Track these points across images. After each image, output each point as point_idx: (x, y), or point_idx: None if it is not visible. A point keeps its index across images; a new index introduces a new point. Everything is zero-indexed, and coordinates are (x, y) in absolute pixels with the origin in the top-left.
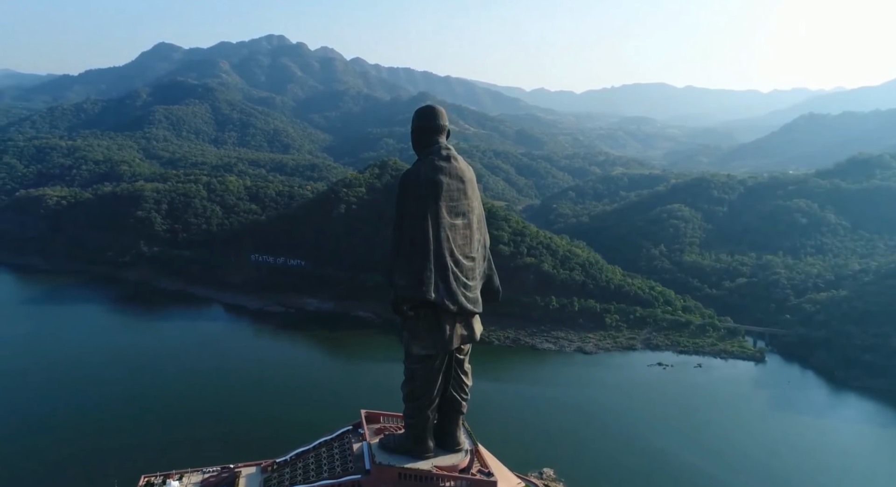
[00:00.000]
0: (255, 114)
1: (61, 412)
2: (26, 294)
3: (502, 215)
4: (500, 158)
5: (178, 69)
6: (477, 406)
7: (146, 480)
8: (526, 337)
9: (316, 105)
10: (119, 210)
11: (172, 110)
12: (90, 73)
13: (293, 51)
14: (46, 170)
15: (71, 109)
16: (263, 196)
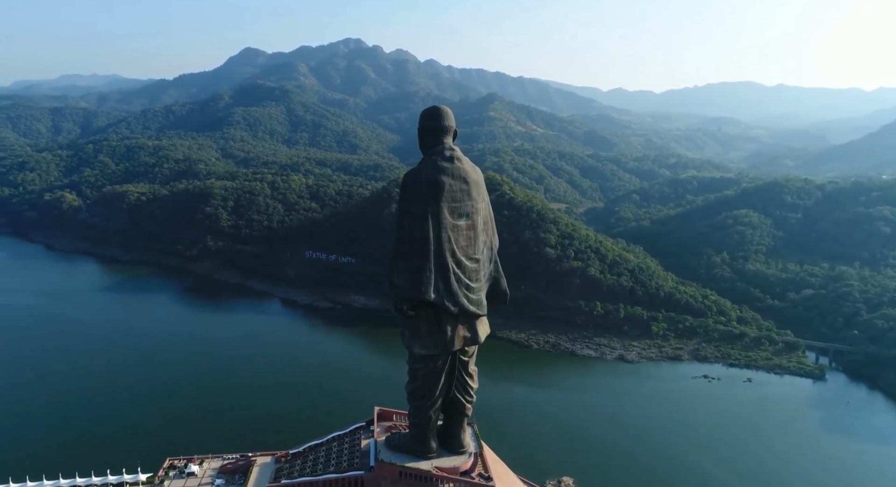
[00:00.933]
0: (326, 116)
1: (108, 391)
2: (107, 282)
3: (551, 217)
4: (564, 160)
5: (260, 72)
6: (505, 410)
7: (170, 463)
8: (566, 343)
9: (386, 106)
10: (190, 206)
11: (250, 112)
12: (183, 77)
13: (368, 53)
14: (133, 168)
15: (161, 111)
16: (323, 195)
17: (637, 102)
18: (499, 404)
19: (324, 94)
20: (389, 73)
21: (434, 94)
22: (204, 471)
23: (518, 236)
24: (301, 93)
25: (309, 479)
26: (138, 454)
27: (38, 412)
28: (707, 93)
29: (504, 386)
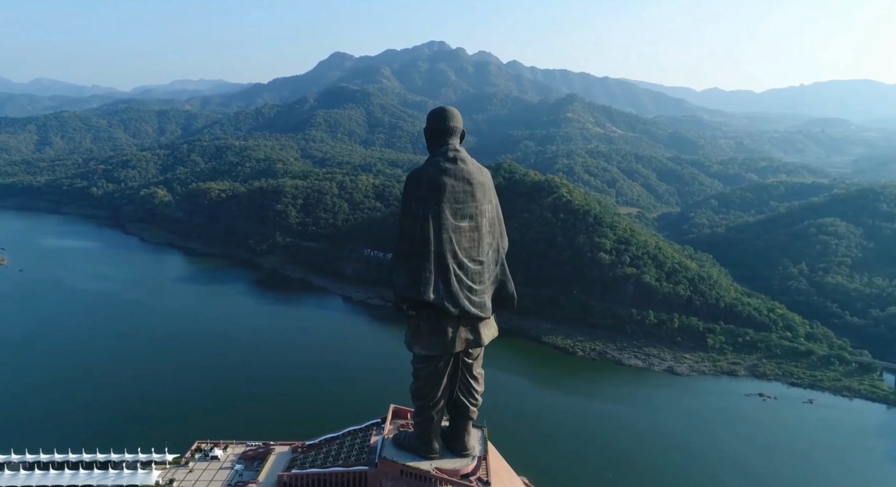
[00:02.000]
0: (403, 117)
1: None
2: (184, 272)
3: (608, 222)
4: (641, 162)
5: (346, 76)
6: (534, 416)
7: (197, 445)
8: (614, 351)
9: (465, 107)
10: (264, 203)
11: (331, 114)
12: (277, 81)
13: (450, 56)
14: (219, 167)
15: (252, 113)
16: (388, 194)
17: (733, 103)
18: (529, 409)
19: (404, 97)
20: (470, 75)
21: (513, 96)
22: (227, 456)
23: (572, 240)
24: (381, 95)
25: (317, 471)
26: (172, 434)
27: (88, 388)
28: (815, 92)
29: (538, 392)
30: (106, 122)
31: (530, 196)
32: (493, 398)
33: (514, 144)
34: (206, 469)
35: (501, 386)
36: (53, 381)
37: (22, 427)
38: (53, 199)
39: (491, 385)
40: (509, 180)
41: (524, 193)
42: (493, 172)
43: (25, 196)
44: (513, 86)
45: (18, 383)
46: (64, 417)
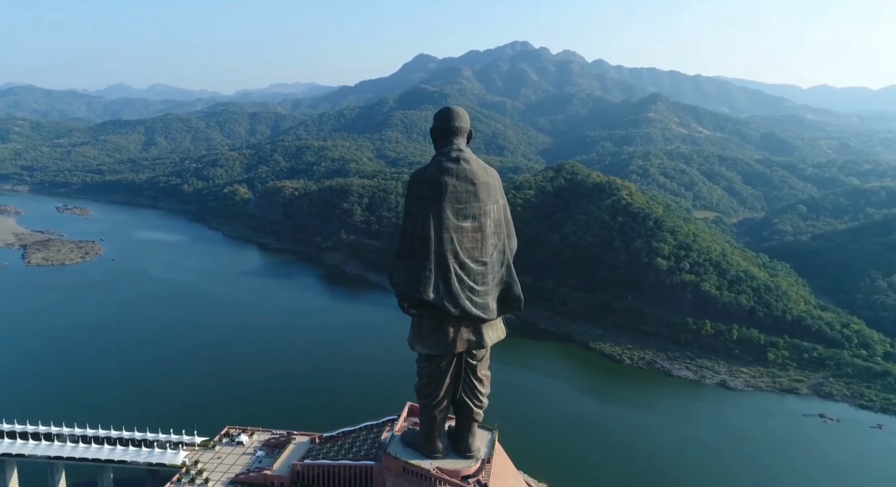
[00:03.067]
0: (478, 118)
1: (211, 359)
2: (254, 266)
3: (668, 226)
4: (725, 164)
5: (428, 77)
6: (566, 422)
7: (227, 430)
8: (664, 361)
9: (544, 108)
10: (331, 201)
11: (408, 115)
12: (363, 83)
13: (533, 56)
14: (297, 166)
15: (334, 115)
16: None
17: (844, 101)
18: (564, 416)
19: (483, 97)
20: (551, 75)
21: (594, 95)
22: (252, 442)
23: (629, 245)
24: (458, 96)
25: (327, 462)
26: (208, 418)
27: (142, 370)
28: None
29: (576, 398)
30: (204, 124)
31: (589, 198)
32: (527, 402)
33: (591, 145)
34: (231, 453)
35: (538, 390)
36: (114, 362)
37: (77, 402)
38: (151, 195)
39: (527, 389)
40: (571, 182)
41: (584, 195)
42: (555, 174)
43: (128, 191)
44: (595, 86)
45: (83, 362)
46: (116, 395)
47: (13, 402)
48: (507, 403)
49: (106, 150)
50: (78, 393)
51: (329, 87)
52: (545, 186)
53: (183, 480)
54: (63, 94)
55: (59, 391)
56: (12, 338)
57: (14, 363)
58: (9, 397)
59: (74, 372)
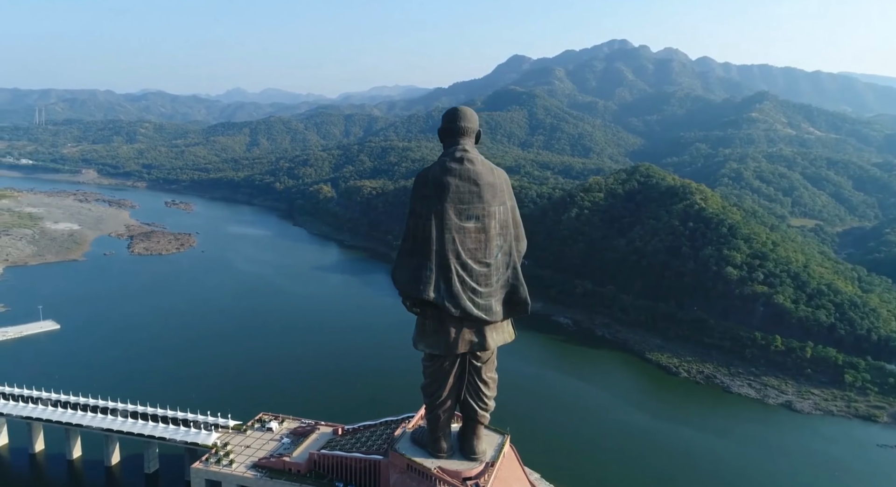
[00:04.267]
0: (566, 119)
1: (262, 349)
2: (328, 262)
3: (743, 233)
4: (834, 168)
5: (520, 78)
6: (605, 435)
7: (260, 416)
8: (724, 376)
9: (638, 108)
10: (405, 200)
11: (493, 116)
12: (456, 85)
13: (630, 54)
14: (380, 166)
15: (423, 117)
16: (524, 196)
17: None
18: (604, 428)
19: (574, 98)
20: (649, 74)
21: (694, 95)
22: (281, 429)
23: (698, 251)
24: (547, 97)
25: (341, 454)
26: (250, 404)
27: (202, 353)
28: None
29: (620, 410)
30: (303, 126)
31: (661, 202)
32: (570, 410)
33: (684, 147)
34: (259, 438)
35: (584, 399)
36: (178, 345)
37: (138, 379)
38: (247, 192)
39: (572, 396)
40: (644, 185)
41: (656, 199)
42: (628, 176)
43: (228, 188)
44: (696, 85)
45: (151, 343)
46: (174, 376)
47: (83, 375)
48: (549, 409)
49: (214, 150)
50: (141, 371)
51: (425, 89)
52: (616, 189)
53: (211, 460)
54: (186, 99)
55: (125, 368)
56: (95, 317)
57: (91, 339)
58: (80, 370)
59: (141, 351)
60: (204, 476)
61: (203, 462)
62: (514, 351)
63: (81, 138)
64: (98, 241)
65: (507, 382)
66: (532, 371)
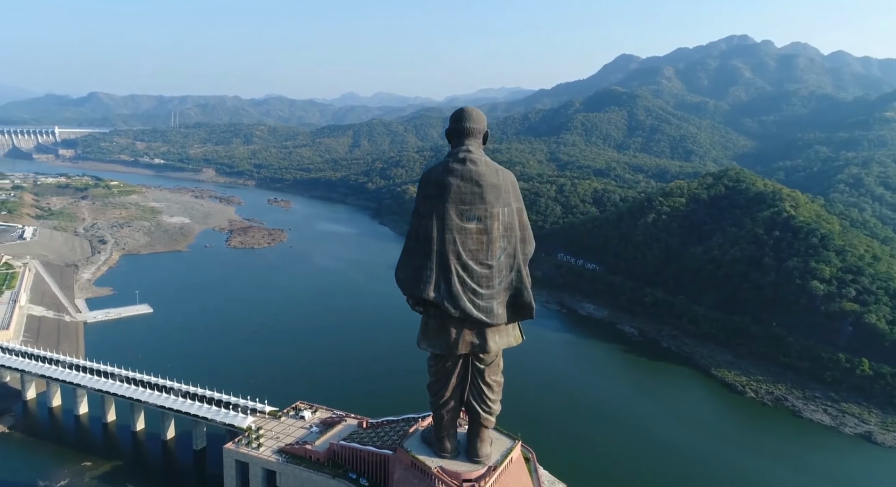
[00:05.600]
0: (667, 120)
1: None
2: None
3: (837, 244)
4: None
5: (625, 78)
6: (647, 452)
7: (297, 405)
8: (796, 400)
9: (754, 108)
10: None
11: (590, 117)
12: (559, 86)
13: (749, 50)
14: None
15: (519, 118)
16: (607, 200)
17: None
18: (646, 439)
19: (682, 98)
20: (769, 71)
21: (821, 93)
22: (313, 419)
23: (781, 263)
24: (649, 97)
25: (357, 446)
26: (291, 391)
27: (260, 340)
28: None
29: (668, 425)
30: (402, 128)
31: (746, 208)
32: (614, 423)
33: (800, 150)
34: (291, 425)
35: (632, 412)
36: (244, 332)
37: (201, 361)
38: (343, 192)
39: (620, 409)
40: (732, 189)
41: (742, 205)
42: (714, 180)
43: (326, 188)
44: (826, 82)
45: (219, 330)
46: (233, 360)
47: (158, 354)
48: (594, 419)
49: (318, 151)
50: (205, 354)
51: (529, 91)
52: (700, 194)
53: (242, 442)
54: (303, 103)
55: (192, 350)
56: (182, 303)
57: (174, 323)
58: (157, 350)
59: (210, 336)
60: (234, 456)
61: (235, 444)
62: (570, 357)
63: (206, 140)
64: (202, 234)
65: (556, 388)
66: (585, 379)
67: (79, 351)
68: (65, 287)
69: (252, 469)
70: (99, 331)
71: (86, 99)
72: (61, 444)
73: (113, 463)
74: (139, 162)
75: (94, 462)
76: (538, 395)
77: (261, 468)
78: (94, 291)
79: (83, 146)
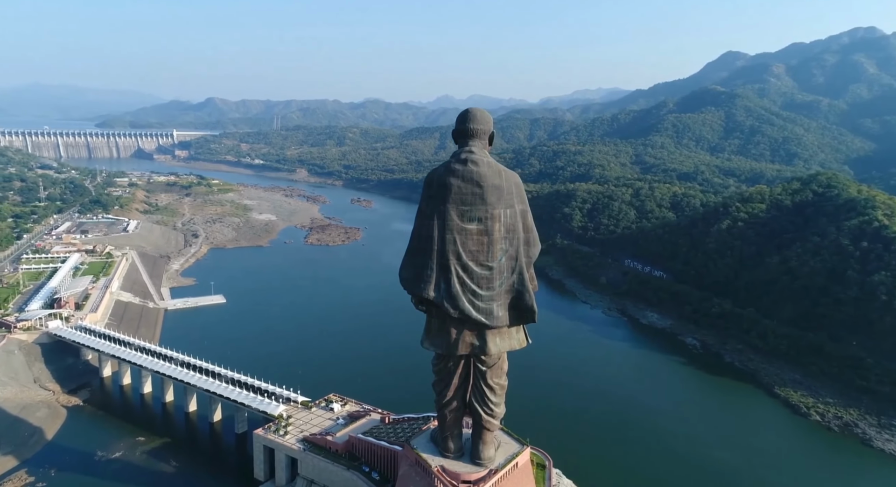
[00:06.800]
0: (770, 121)
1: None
2: None
3: None
4: None
5: (729, 77)
6: (678, 469)
7: (330, 397)
8: (868, 427)
9: (877, 107)
10: (555, 205)
11: (682, 118)
12: (657, 86)
13: (876, 44)
14: (545, 169)
15: (608, 120)
16: (685, 205)
17: None
18: (682, 460)
19: (792, 97)
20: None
21: None
22: (342, 411)
23: (867, 277)
24: (753, 97)
25: (372, 441)
26: (333, 383)
27: (307, 332)
28: None
29: (710, 442)
30: None
31: (833, 216)
32: (652, 435)
33: None
34: (319, 416)
35: (674, 428)
36: (298, 324)
37: (250, 349)
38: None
39: (661, 421)
40: (820, 196)
41: (829, 213)
42: (801, 186)
43: (407, 188)
44: None
45: (280, 321)
46: (280, 350)
47: (217, 341)
48: (634, 432)
49: (405, 153)
50: (260, 343)
51: (625, 91)
52: (783, 200)
53: (271, 429)
54: (398, 106)
55: (250, 338)
56: (252, 295)
57: (241, 313)
58: (222, 336)
59: (270, 326)
60: (262, 442)
61: (264, 430)
62: (623, 366)
63: (303, 142)
64: (285, 231)
65: (603, 398)
66: (636, 389)
67: (155, 335)
68: (154, 276)
69: (277, 454)
70: (176, 318)
71: (203, 104)
72: (124, 419)
73: (163, 440)
74: (241, 162)
75: (148, 437)
76: (582, 404)
77: (284, 454)
78: (179, 281)
79: (195, 147)
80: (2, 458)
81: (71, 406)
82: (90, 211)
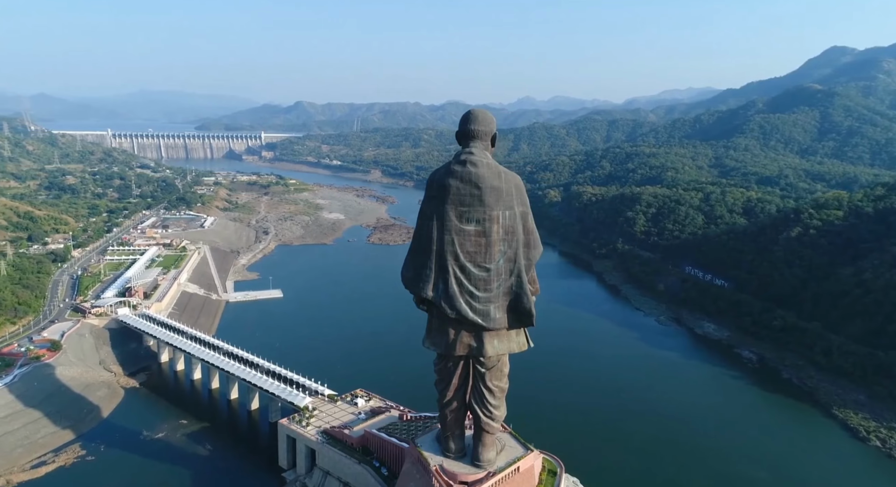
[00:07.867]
0: (872, 121)
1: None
2: None
3: None
4: None
5: (832, 74)
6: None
7: (356, 392)
8: None
9: None
10: (619, 209)
11: (770, 119)
12: (749, 85)
13: None
14: (616, 172)
15: (689, 121)
16: (760, 210)
17: None
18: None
19: None
20: None
21: None
22: (365, 406)
23: None
24: (859, 96)
25: (384, 436)
26: (362, 378)
27: (342, 327)
28: None
29: (758, 463)
30: (565, 132)
31: None
32: (690, 456)
33: None
34: (343, 409)
35: (716, 447)
36: (344, 320)
37: (291, 343)
38: None
39: (700, 441)
40: None
41: None
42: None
43: None
44: None
45: (327, 316)
46: (322, 344)
47: (269, 333)
48: (670, 448)
49: None
50: (307, 337)
51: (717, 90)
52: (863, 207)
53: (295, 419)
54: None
55: (297, 331)
56: (308, 290)
57: (295, 307)
58: (270, 329)
59: (317, 320)
60: (286, 432)
61: (289, 420)
62: (671, 378)
63: (381, 143)
64: (350, 230)
65: (644, 410)
66: (681, 402)
67: (213, 325)
68: (222, 270)
69: (298, 444)
70: (236, 310)
71: (292, 107)
72: (173, 403)
73: (203, 425)
74: (321, 163)
75: (190, 421)
76: (620, 416)
77: (304, 445)
78: (244, 275)
79: (280, 148)
80: (61, 431)
81: (129, 387)
82: (175, 207)
